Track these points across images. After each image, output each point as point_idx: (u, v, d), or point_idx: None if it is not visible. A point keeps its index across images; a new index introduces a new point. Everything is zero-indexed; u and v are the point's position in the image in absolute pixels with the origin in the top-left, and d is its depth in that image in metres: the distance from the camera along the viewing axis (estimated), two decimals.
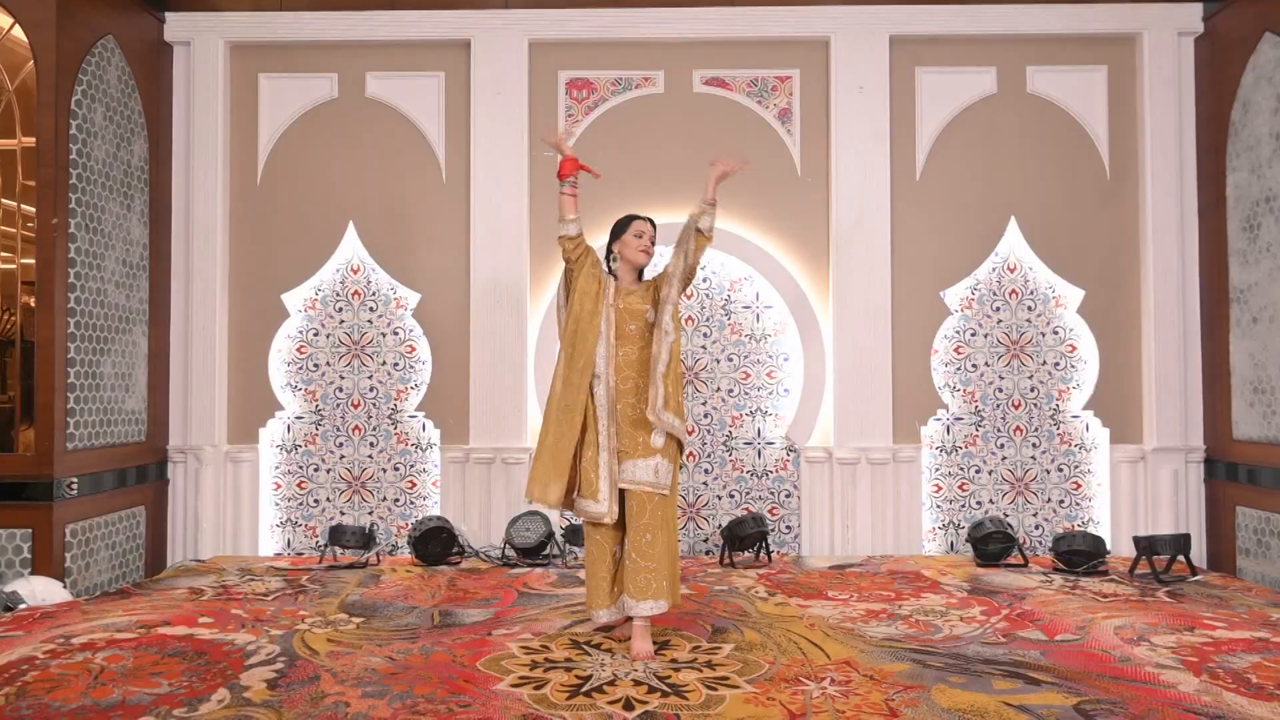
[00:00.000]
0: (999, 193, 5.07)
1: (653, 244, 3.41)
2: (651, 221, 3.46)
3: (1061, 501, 5.03)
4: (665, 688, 2.84)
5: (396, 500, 5.09)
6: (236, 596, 4.04)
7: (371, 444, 5.09)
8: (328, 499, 5.09)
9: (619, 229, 3.45)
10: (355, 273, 5.14)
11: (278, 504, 5.10)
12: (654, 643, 3.25)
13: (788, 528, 5.06)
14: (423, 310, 5.10)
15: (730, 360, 5.09)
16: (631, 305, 3.35)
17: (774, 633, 3.43)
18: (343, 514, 5.08)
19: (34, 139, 4.14)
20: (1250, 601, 3.96)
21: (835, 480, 4.94)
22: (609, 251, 3.45)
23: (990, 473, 5.05)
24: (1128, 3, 4.96)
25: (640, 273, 3.48)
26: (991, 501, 5.04)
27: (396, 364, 5.12)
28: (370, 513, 5.08)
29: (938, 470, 5.05)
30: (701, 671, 2.99)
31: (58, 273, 4.14)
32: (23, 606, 3.81)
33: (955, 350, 5.08)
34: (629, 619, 3.28)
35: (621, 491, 3.27)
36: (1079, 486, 5.03)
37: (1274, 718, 2.60)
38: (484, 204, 5.04)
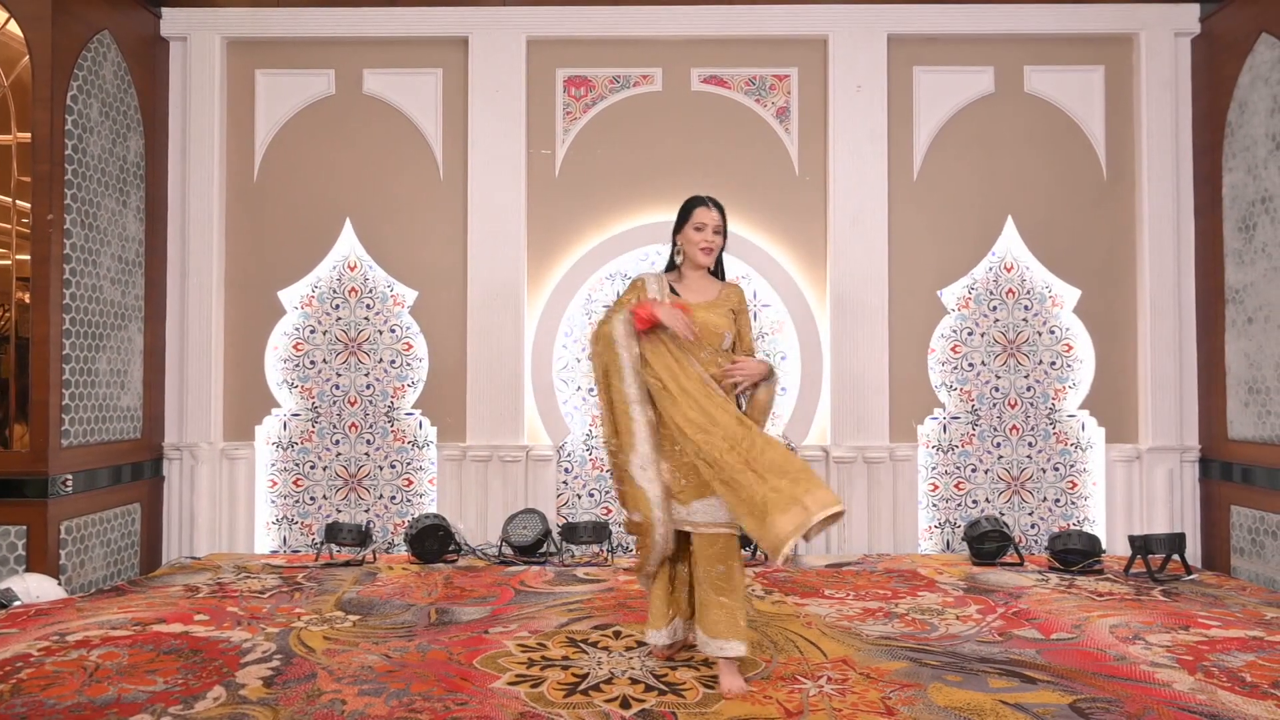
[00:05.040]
0: (996, 192, 5.07)
1: (718, 234, 3.01)
2: (718, 206, 3.02)
3: (1057, 500, 5.04)
4: (662, 686, 2.84)
5: (393, 498, 5.08)
6: (232, 594, 4.03)
7: (368, 441, 5.09)
8: (324, 496, 5.08)
9: (682, 215, 3.06)
10: (352, 270, 5.13)
11: (274, 501, 5.09)
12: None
13: None
14: (420, 307, 5.09)
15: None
16: (708, 321, 2.94)
17: (771, 631, 3.43)
18: (339, 511, 5.07)
19: (29, 134, 4.12)
20: (1245, 600, 3.97)
21: (832, 479, 4.94)
22: (673, 243, 3.09)
23: (986, 472, 5.05)
24: (1125, 3, 4.97)
25: (718, 271, 3.11)
26: (988, 500, 5.05)
27: (393, 361, 5.11)
28: (367, 510, 5.07)
29: (934, 469, 5.06)
30: (698, 669, 2.98)
31: (53, 269, 4.13)
32: (17, 604, 3.80)
33: (952, 349, 5.08)
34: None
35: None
36: (1074, 485, 5.04)
37: (1268, 716, 2.61)
38: (481, 201, 5.03)
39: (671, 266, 3.14)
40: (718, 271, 3.14)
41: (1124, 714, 2.62)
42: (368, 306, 5.12)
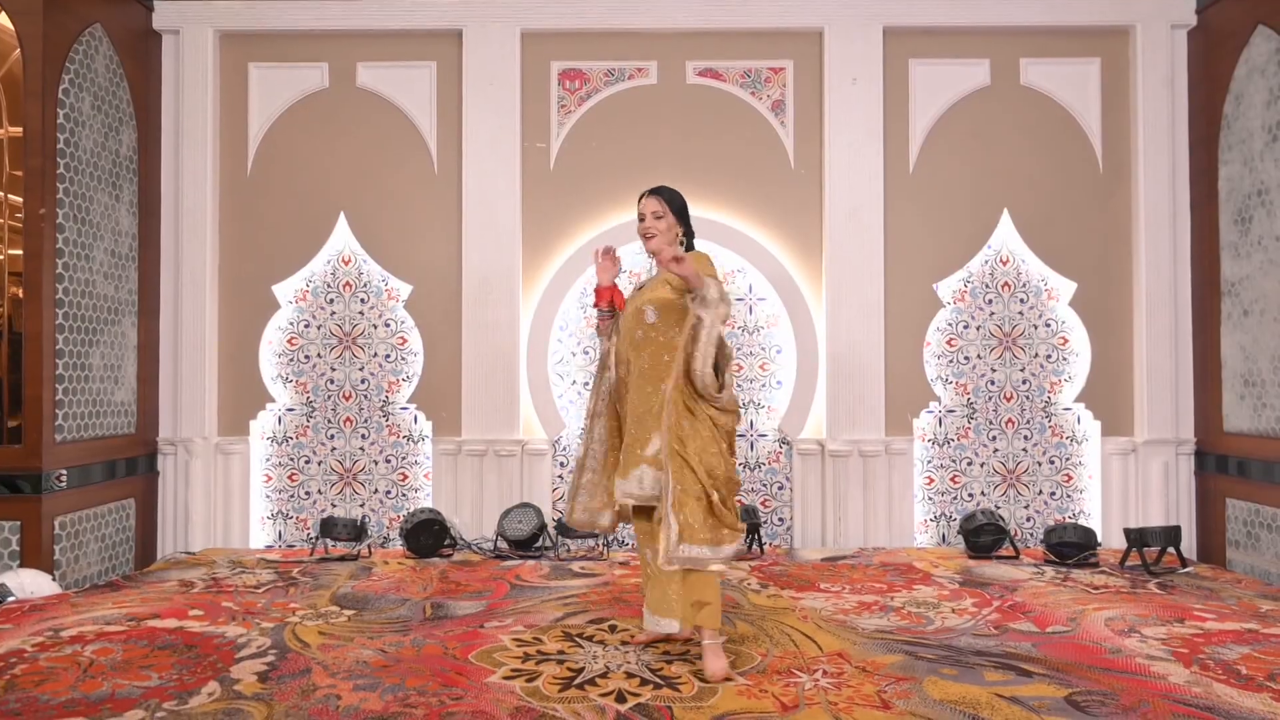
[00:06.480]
0: (992, 185, 5.06)
1: (658, 219, 3.10)
2: (654, 192, 3.16)
3: (1053, 494, 5.04)
4: (658, 680, 2.84)
5: (388, 492, 5.08)
6: (227, 589, 4.03)
7: (363, 436, 5.07)
8: (319, 491, 5.07)
9: None
10: (346, 264, 5.11)
11: (268, 496, 5.08)
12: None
13: (780, 520, 5.06)
14: (414, 302, 5.08)
15: None
16: (632, 306, 3.13)
17: (766, 625, 3.43)
18: (334, 506, 5.06)
19: (21, 128, 4.09)
20: (1240, 593, 3.98)
21: (828, 472, 4.95)
22: None
23: (982, 465, 5.06)
24: None
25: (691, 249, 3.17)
26: (983, 494, 5.05)
27: (388, 356, 5.09)
28: (362, 505, 5.07)
29: (930, 462, 5.06)
30: (694, 664, 2.98)
31: (46, 263, 4.11)
32: (11, 599, 3.79)
33: (948, 343, 5.08)
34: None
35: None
36: (1070, 479, 5.04)
37: (1263, 708, 2.61)
38: (476, 195, 5.01)
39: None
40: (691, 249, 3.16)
41: (1119, 707, 2.62)
42: (362, 301, 5.10)
